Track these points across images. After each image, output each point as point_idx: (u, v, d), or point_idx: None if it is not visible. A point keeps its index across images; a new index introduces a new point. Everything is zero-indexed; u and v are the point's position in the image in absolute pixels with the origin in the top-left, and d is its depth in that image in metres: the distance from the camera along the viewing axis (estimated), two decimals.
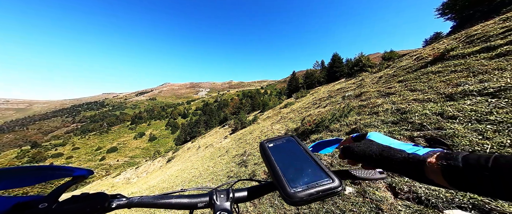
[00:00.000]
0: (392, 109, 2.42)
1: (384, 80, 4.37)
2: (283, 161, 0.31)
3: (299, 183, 0.27)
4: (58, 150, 56.29)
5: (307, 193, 0.25)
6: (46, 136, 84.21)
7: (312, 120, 4.22)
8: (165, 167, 12.89)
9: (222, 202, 0.33)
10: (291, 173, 0.29)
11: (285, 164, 0.31)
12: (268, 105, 21.94)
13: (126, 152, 52.74)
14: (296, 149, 0.35)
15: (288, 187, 0.26)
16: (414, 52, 6.32)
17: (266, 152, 0.34)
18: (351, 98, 4.33)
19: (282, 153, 0.34)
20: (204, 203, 0.33)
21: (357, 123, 2.62)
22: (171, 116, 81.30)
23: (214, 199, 0.33)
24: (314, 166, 0.30)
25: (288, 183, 0.27)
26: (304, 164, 0.30)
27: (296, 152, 0.34)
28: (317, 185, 0.26)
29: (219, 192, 0.34)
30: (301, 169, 0.29)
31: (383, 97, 3.12)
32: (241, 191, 0.36)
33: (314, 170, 0.29)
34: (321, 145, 0.45)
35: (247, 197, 0.35)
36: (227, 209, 0.32)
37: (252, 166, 3.76)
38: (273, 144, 0.37)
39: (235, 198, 0.34)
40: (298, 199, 0.25)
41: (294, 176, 0.28)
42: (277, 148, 0.35)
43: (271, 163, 0.31)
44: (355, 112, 3.07)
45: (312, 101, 7.92)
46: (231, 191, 0.35)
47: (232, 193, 0.34)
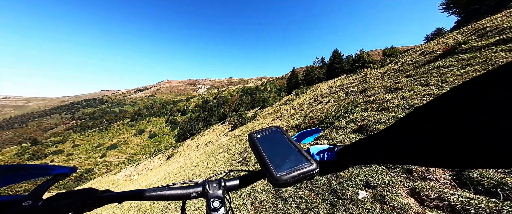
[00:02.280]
0: (403, 104, 2.27)
1: (389, 75, 4.20)
2: (270, 150, 0.34)
3: (284, 167, 0.30)
4: (58, 147, 56.21)
5: (290, 176, 0.28)
6: (46, 133, 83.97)
7: (315, 116, 4.07)
8: (165, 164, 12.83)
9: (214, 190, 0.34)
10: (277, 160, 0.32)
11: (272, 152, 0.34)
12: (268, 102, 21.80)
13: (127, 149, 52.77)
14: (281, 138, 0.38)
15: (275, 172, 0.29)
16: (417, 47, 6.19)
17: (255, 143, 0.37)
18: (355, 94, 4.17)
19: (269, 143, 0.37)
20: (197, 193, 0.35)
21: (364, 120, 2.47)
22: (170, 113, 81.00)
23: (207, 189, 0.35)
24: (296, 152, 0.33)
25: (275, 168, 0.30)
26: (288, 151, 0.34)
27: (281, 141, 0.37)
28: (299, 168, 0.29)
29: (211, 182, 0.36)
30: (285, 155, 0.33)
31: (391, 93, 2.96)
32: (232, 180, 0.38)
33: (296, 156, 0.32)
34: (303, 135, 0.48)
35: (239, 185, 0.37)
36: (220, 196, 0.34)
37: (253, 165, 3.64)
38: (261, 135, 0.39)
39: (227, 186, 0.36)
40: (283, 181, 0.28)
41: (279, 162, 0.31)
42: (265, 139, 0.38)
43: (259, 152, 0.34)
44: (362, 108, 2.92)
45: (313, 98, 7.77)
46: (223, 180, 0.36)
47: (224, 182, 0.36)
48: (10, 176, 0.26)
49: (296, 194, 1.86)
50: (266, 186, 2.24)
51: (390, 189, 1.26)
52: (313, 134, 0.50)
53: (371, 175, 1.51)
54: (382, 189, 1.30)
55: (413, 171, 1.30)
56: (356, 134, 2.29)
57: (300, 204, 1.67)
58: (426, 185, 1.15)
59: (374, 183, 1.40)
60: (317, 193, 1.70)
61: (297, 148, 0.34)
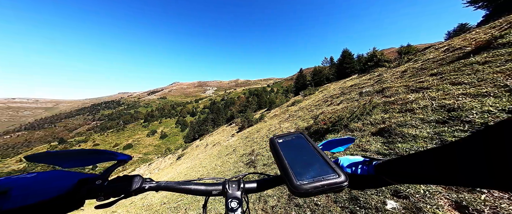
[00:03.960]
0: (433, 105, 2.02)
1: (410, 74, 3.87)
2: (291, 156, 0.33)
3: (306, 176, 0.28)
4: (81, 146, 60.76)
5: (312, 186, 0.27)
6: (71, 133, 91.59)
7: (327, 118, 3.87)
8: (175, 164, 13.16)
9: (233, 191, 0.35)
10: (298, 167, 0.30)
11: (293, 159, 0.33)
12: (274, 103, 21.60)
13: (140, 148, 55.40)
14: (305, 145, 0.36)
15: (295, 180, 0.28)
16: (440, 44, 5.71)
17: (276, 147, 0.36)
18: (371, 95, 3.89)
19: (291, 149, 0.36)
20: (218, 191, 0.36)
21: (385, 122, 2.25)
22: (180, 114, 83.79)
23: (227, 188, 0.36)
24: (321, 161, 0.31)
25: (295, 176, 0.29)
26: (312, 159, 0.32)
27: (304, 148, 0.36)
28: (323, 179, 0.28)
29: (231, 182, 0.37)
30: (308, 164, 0.31)
31: (414, 92, 2.69)
32: (251, 183, 0.38)
33: (320, 165, 0.31)
34: (332, 143, 0.44)
35: (256, 189, 0.38)
36: (238, 197, 0.34)
37: (261, 167, 3.53)
38: (283, 140, 0.39)
39: (246, 188, 0.37)
40: (303, 191, 0.27)
41: (301, 170, 0.30)
42: (286, 144, 0.37)
43: (279, 158, 0.33)
44: (380, 110, 2.68)
45: (323, 99, 7.49)
46: (242, 182, 0.37)
47: (243, 184, 0.37)
48: (92, 157, 0.34)
49: (311, 201, 1.71)
50: (277, 191, 2.12)
51: (427, 201, 1.08)
52: (345, 144, 0.46)
53: None
54: (416, 200, 1.12)
55: None
56: (376, 137, 2.08)
57: (316, 212, 1.53)
58: (476, 199, 0.96)
59: (405, 192, 1.22)
60: (335, 200, 1.55)
61: (323, 157, 0.32)
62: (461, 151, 0.18)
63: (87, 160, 0.34)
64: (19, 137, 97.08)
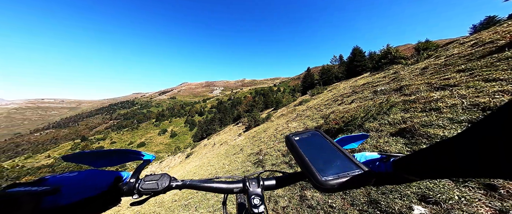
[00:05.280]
0: (463, 104, 1.83)
1: (432, 71, 3.57)
2: (311, 153, 0.33)
3: (330, 172, 0.28)
4: (100, 143, 65.29)
5: (338, 182, 0.27)
6: (91, 131, 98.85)
7: (338, 118, 3.70)
8: (184, 162, 13.57)
9: (254, 188, 0.36)
10: (320, 164, 0.30)
11: (313, 155, 0.32)
12: (281, 102, 21.40)
13: (152, 147, 58.05)
14: (322, 142, 0.36)
15: (319, 176, 0.28)
16: (465, 39, 5.23)
17: (293, 145, 0.36)
18: (387, 93, 3.65)
19: (309, 146, 0.35)
20: (239, 189, 0.37)
21: (406, 122, 2.08)
22: (189, 114, 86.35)
23: (247, 185, 0.36)
24: (343, 157, 0.32)
25: (319, 172, 0.28)
26: (333, 155, 0.32)
27: (323, 145, 0.36)
28: (348, 174, 0.28)
29: (250, 180, 0.37)
30: (330, 160, 0.31)
31: (439, 90, 2.47)
32: (270, 180, 0.38)
33: (343, 161, 0.31)
34: (345, 140, 0.45)
35: (275, 185, 0.38)
36: (259, 194, 0.35)
37: (270, 167, 3.47)
38: (299, 137, 0.39)
39: (265, 185, 0.37)
40: (330, 187, 0.27)
41: (324, 167, 0.30)
42: (303, 141, 0.37)
43: (299, 155, 0.33)
44: (400, 109, 2.49)
45: (332, 98, 7.23)
46: (261, 178, 0.37)
47: (262, 181, 0.37)
48: (120, 157, 0.37)
49: (324, 202, 1.63)
50: (288, 191, 2.06)
51: (463, 208, 0.95)
52: (358, 140, 0.45)
53: (428, 187, 1.20)
54: (449, 207, 0.99)
55: (499, 188, 0.97)
56: (396, 138, 1.93)
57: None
58: None
59: (435, 197, 1.10)
60: (352, 203, 1.45)
61: (344, 153, 0.32)
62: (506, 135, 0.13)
63: (115, 159, 0.37)
64: (47, 134, 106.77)
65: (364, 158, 0.35)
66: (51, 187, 0.25)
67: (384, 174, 0.30)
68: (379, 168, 0.31)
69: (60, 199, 0.25)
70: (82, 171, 0.31)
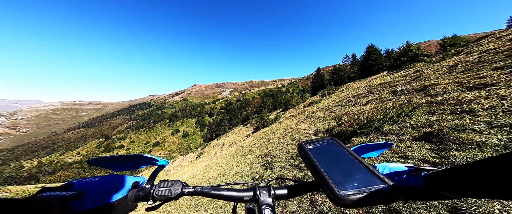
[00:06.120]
0: (503, 106, 1.59)
1: (463, 68, 3.19)
2: (327, 163, 0.31)
3: (349, 186, 0.26)
4: (121, 142, 70.76)
5: (359, 197, 0.25)
6: (114, 131, 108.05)
7: (352, 120, 3.50)
8: (195, 162, 14.03)
9: (265, 197, 0.34)
10: (338, 175, 0.28)
11: (330, 166, 0.31)
12: (290, 103, 21.02)
13: (166, 146, 61.14)
14: (339, 152, 0.34)
15: (337, 190, 0.26)
16: (502, 32, 4.64)
17: (306, 154, 0.34)
18: (409, 93, 3.35)
19: (324, 155, 0.33)
20: (249, 197, 0.36)
21: (432, 125, 1.87)
22: (199, 115, 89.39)
23: (258, 194, 0.35)
24: (364, 169, 0.29)
25: (336, 185, 0.26)
26: (352, 167, 0.30)
27: (340, 155, 0.34)
28: (370, 189, 0.26)
29: (261, 188, 0.36)
30: (349, 172, 0.29)
31: (472, 90, 2.18)
32: (281, 189, 0.36)
33: (364, 174, 0.28)
34: (363, 149, 0.41)
35: (287, 195, 0.36)
36: (271, 204, 0.34)
37: (279, 170, 3.40)
38: (313, 146, 0.36)
39: (276, 195, 0.36)
40: (349, 202, 0.25)
41: (342, 179, 0.28)
42: (318, 150, 0.35)
43: (313, 165, 0.31)
44: (424, 111, 2.26)
45: (345, 99, 6.88)
46: (272, 188, 0.36)
47: (273, 190, 0.35)
48: (137, 162, 0.38)
49: (337, 209, 1.54)
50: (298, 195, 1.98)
51: None
52: (379, 149, 0.42)
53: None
54: None
55: None
56: (420, 143, 1.74)
57: None
58: None
59: (470, 210, 0.96)
60: (368, 211, 1.34)
61: (365, 165, 0.30)
62: None
63: (132, 164, 0.38)
64: (78, 133, 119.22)
65: (388, 170, 0.32)
66: (76, 192, 0.26)
67: (414, 189, 0.27)
68: (406, 182, 0.28)
69: (84, 204, 0.26)
70: (104, 176, 0.32)
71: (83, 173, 31.69)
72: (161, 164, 0.39)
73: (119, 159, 0.37)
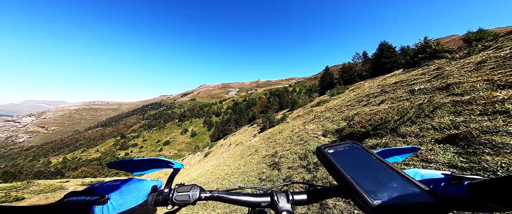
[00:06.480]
0: None
1: (493, 65, 2.88)
2: (353, 169, 0.29)
3: (383, 195, 0.24)
4: (135, 141, 74.81)
5: (397, 208, 0.22)
6: (128, 129, 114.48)
7: (364, 120, 3.33)
8: (203, 161, 14.36)
9: (283, 203, 0.33)
10: (367, 183, 0.26)
11: (357, 172, 0.28)
12: (297, 103, 20.68)
13: (175, 145, 63.42)
14: (365, 157, 0.32)
15: (369, 199, 0.23)
16: None
17: (327, 158, 0.32)
18: (429, 92, 3.10)
19: (348, 160, 0.31)
20: (266, 203, 0.34)
21: (458, 126, 1.70)
22: (207, 114, 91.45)
23: (276, 200, 0.33)
24: (399, 178, 0.26)
25: (368, 194, 0.24)
26: (383, 174, 0.28)
27: (366, 160, 0.31)
28: (410, 199, 0.23)
29: (279, 193, 0.34)
30: (380, 179, 0.26)
31: (505, 89, 1.96)
32: (300, 194, 0.35)
33: (400, 182, 0.25)
34: (385, 153, 0.39)
35: (306, 200, 0.35)
36: (290, 210, 0.32)
37: (286, 170, 3.34)
38: (334, 150, 0.34)
39: (295, 200, 0.34)
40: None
41: (373, 187, 0.25)
42: (340, 155, 0.33)
43: (337, 170, 0.29)
44: (448, 111, 2.07)
45: (355, 98, 6.59)
46: (289, 193, 0.35)
47: (291, 195, 0.34)
48: (153, 164, 0.38)
49: (350, 212, 1.46)
50: None
51: None
52: (404, 154, 0.39)
53: None
54: None
55: None
56: (444, 146, 1.59)
57: None
58: None
59: None
60: None
61: (399, 172, 0.27)
62: None
63: (149, 167, 0.39)
64: (97, 132, 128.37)
65: (420, 177, 0.29)
66: (100, 197, 0.26)
67: (455, 199, 0.24)
68: (446, 191, 0.26)
69: (108, 209, 0.26)
70: (124, 180, 0.33)
71: (101, 169, 34.04)
72: (177, 167, 0.39)
73: (137, 162, 0.38)
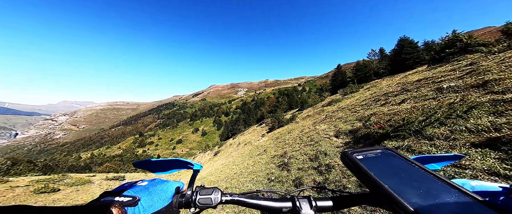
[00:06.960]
0: None
1: None
2: (389, 177, 0.26)
3: (434, 210, 0.21)
4: (151, 139, 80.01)
5: None
6: (146, 128, 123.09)
7: (383, 121, 3.07)
8: (213, 160, 14.75)
9: (306, 210, 0.31)
10: (413, 196, 0.23)
11: (395, 181, 0.25)
12: (307, 103, 20.11)
13: (187, 144, 66.28)
14: (403, 165, 0.29)
15: (410, 207, 0.21)
16: None
17: (357, 165, 0.30)
18: (460, 90, 2.75)
19: (382, 168, 0.28)
20: (288, 209, 0.33)
21: (501, 129, 1.47)
22: (216, 114, 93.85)
23: (298, 206, 0.32)
24: (448, 188, 0.23)
25: (417, 208, 0.21)
26: (427, 183, 0.25)
27: (405, 168, 0.28)
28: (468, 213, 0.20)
29: (301, 199, 0.33)
30: (424, 189, 0.23)
31: None
32: (324, 200, 0.33)
33: (454, 196, 0.22)
34: (423, 160, 0.37)
35: (332, 207, 0.33)
36: None
37: (296, 172, 3.24)
38: (363, 155, 0.32)
39: (319, 207, 0.32)
40: None
41: (421, 201, 0.22)
42: (372, 161, 0.31)
43: (371, 179, 0.27)
44: (486, 111, 1.80)
45: (371, 97, 6.16)
46: (312, 198, 0.33)
47: (314, 201, 0.33)
48: (174, 165, 0.39)
49: None
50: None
51: None
52: (444, 161, 0.36)
53: None
54: None
55: None
56: (482, 150, 1.38)
57: None
58: None
59: None
60: None
61: (447, 182, 0.24)
62: None
63: (170, 167, 0.39)
64: (119, 130, 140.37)
65: (470, 188, 0.26)
66: (132, 199, 0.27)
67: None
68: (506, 206, 0.24)
69: (139, 210, 0.26)
70: (150, 181, 0.33)
71: (122, 165, 36.97)
72: (197, 168, 0.40)
73: (160, 163, 0.38)
